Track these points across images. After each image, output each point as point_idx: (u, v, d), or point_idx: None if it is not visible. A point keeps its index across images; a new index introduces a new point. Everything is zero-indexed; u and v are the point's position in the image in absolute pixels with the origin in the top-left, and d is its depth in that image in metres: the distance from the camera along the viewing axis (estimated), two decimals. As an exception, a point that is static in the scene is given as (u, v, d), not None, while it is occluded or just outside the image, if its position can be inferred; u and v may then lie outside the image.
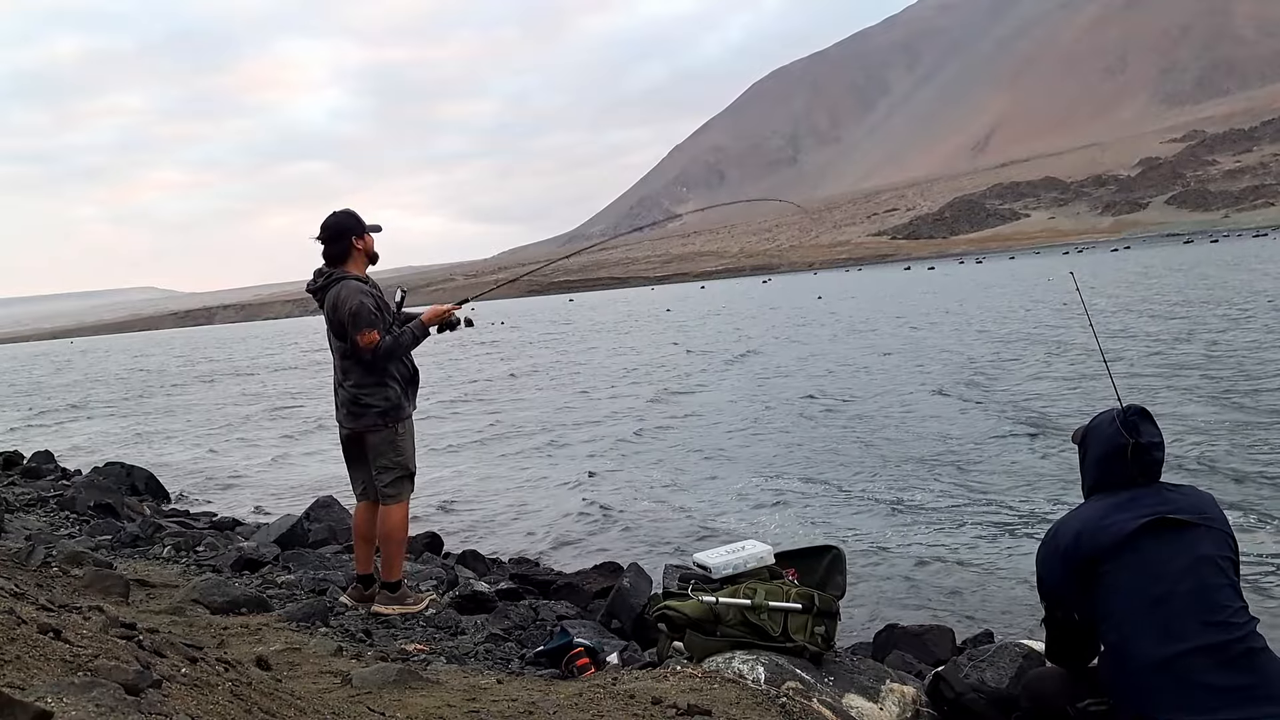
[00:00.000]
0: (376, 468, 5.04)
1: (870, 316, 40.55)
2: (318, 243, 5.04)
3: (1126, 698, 2.73)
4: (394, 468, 5.04)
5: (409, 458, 5.11)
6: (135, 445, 18.72)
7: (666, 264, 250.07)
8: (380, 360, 4.92)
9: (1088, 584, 2.83)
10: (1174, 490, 2.89)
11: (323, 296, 5.00)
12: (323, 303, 5.02)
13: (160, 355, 73.42)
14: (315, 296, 5.08)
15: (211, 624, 4.24)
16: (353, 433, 5.05)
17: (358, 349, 4.88)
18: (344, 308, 4.87)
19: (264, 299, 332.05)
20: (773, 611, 3.66)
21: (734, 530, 8.50)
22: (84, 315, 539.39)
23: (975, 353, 21.82)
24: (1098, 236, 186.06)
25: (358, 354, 4.91)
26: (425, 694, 3.15)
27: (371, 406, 4.97)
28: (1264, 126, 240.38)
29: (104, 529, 7.72)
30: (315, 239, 5.04)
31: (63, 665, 1.87)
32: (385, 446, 5.02)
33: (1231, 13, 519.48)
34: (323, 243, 5.03)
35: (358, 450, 5.10)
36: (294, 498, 11.69)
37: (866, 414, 14.83)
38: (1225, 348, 17.86)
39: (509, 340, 50.16)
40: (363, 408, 4.98)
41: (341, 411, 5.09)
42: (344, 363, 5.02)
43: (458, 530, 9.60)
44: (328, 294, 4.97)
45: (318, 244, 5.05)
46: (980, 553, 7.35)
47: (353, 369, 4.98)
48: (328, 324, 5.04)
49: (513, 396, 22.59)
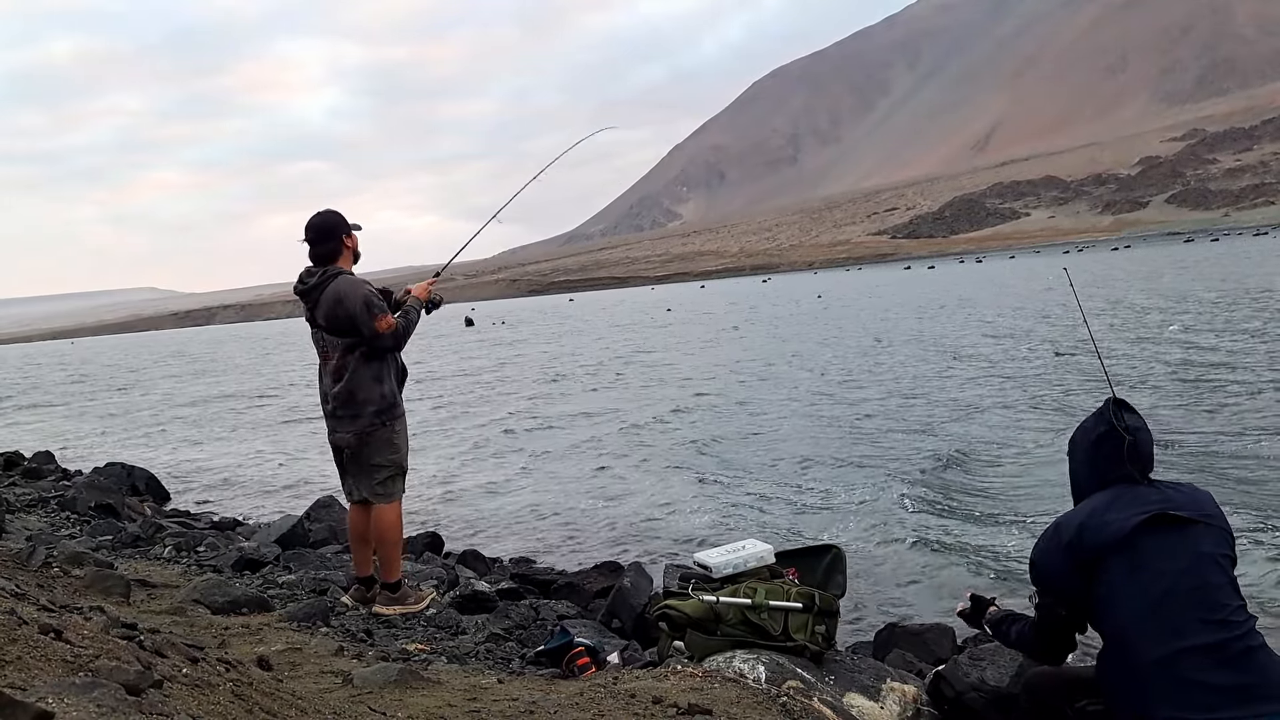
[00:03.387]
0: (371, 466, 4.99)
1: (868, 316, 40.55)
2: (305, 244, 4.98)
3: (1125, 695, 2.73)
4: (389, 466, 5.02)
5: (403, 455, 5.11)
6: (135, 445, 18.73)
7: (667, 263, 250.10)
8: (401, 341, 4.98)
9: (1087, 579, 2.83)
10: (1173, 488, 2.89)
11: (318, 295, 4.90)
12: (316, 302, 4.91)
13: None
14: (307, 296, 4.95)
15: (212, 624, 4.24)
16: (352, 435, 4.96)
17: (377, 336, 4.86)
18: (352, 299, 4.83)
19: (264, 299, 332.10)
20: (773, 611, 3.66)
21: (734, 530, 8.50)
22: (84, 316, 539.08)
23: (975, 352, 21.81)
24: (1098, 235, 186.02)
25: (375, 341, 4.88)
26: (426, 694, 3.15)
27: (368, 404, 4.92)
28: (1264, 125, 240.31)
29: (105, 529, 7.72)
30: (303, 239, 4.98)
31: (64, 666, 1.87)
32: (382, 444, 5.00)
33: (1232, 12, 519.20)
34: (311, 243, 4.97)
35: (351, 454, 5.04)
36: (294, 498, 11.70)
37: (867, 413, 14.82)
38: (1225, 347, 17.86)
39: (509, 340, 50.18)
40: (359, 405, 4.92)
41: (337, 414, 4.99)
42: (343, 360, 4.92)
43: (458, 530, 9.60)
44: (324, 291, 4.88)
45: (303, 245, 5.00)
46: (981, 552, 7.35)
47: (357, 366, 4.90)
48: (325, 321, 4.93)
49: (512, 396, 22.58)
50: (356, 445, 4.98)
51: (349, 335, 4.90)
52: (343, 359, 4.94)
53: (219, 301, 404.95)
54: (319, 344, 5.04)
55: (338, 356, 4.95)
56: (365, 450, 4.98)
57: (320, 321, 4.96)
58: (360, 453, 4.99)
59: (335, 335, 4.94)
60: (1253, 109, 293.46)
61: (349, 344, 4.92)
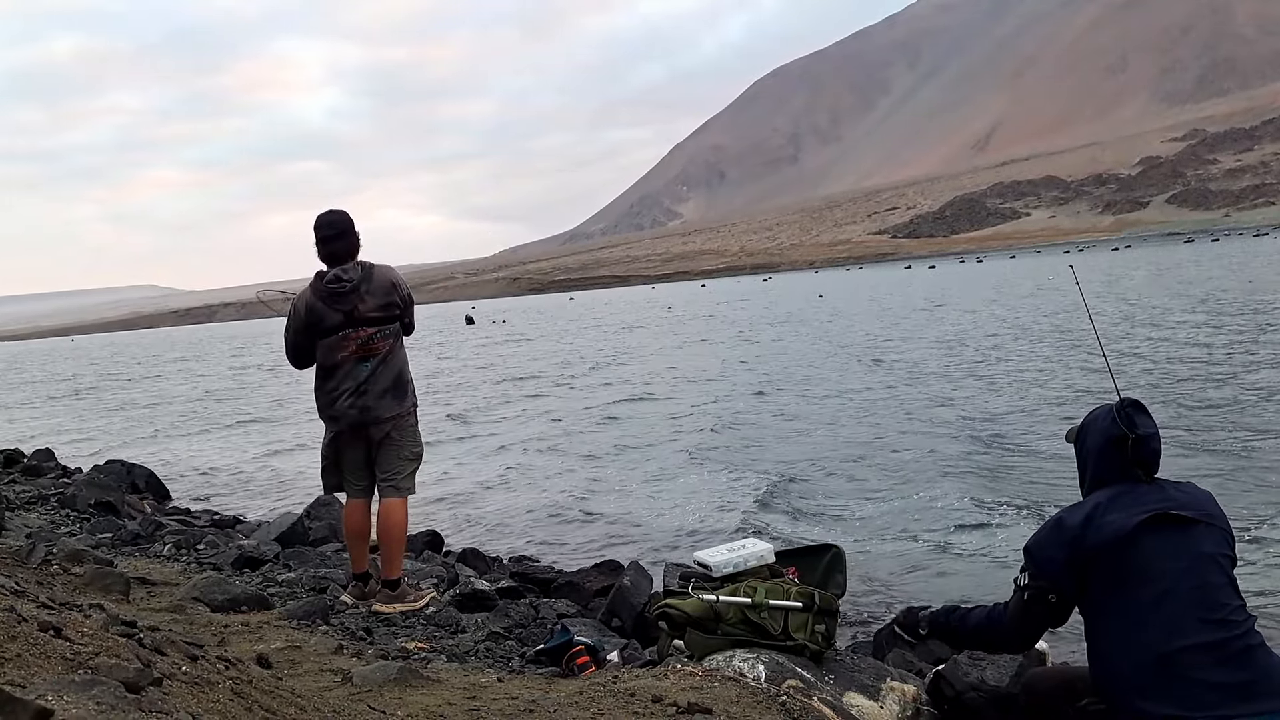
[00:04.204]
0: (400, 459, 5.00)
1: (868, 317, 40.55)
2: (319, 242, 4.94)
3: (1125, 694, 2.73)
4: (414, 459, 5.09)
5: (422, 448, 5.21)
6: (135, 444, 18.73)
7: (667, 262, 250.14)
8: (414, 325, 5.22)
9: (1084, 576, 2.83)
10: (1176, 487, 2.89)
11: (366, 288, 4.85)
12: (362, 297, 4.85)
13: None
14: (353, 294, 4.84)
15: (212, 622, 4.24)
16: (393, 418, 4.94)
17: (411, 324, 5.11)
18: (403, 284, 4.98)
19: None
20: (773, 610, 3.66)
21: (735, 529, 8.51)
22: (85, 314, 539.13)
23: (977, 351, 21.81)
24: (1098, 235, 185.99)
25: (409, 329, 5.09)
26: (426, 692, 3.15)
27: (409, 386, 5.05)
28: (1264, 125, 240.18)
29: (104, 527, 7.72)
30: (317, 238, 4.93)
31: (63, 663, 1.87)
32: (410, 435, 5.06)
33: (1232, 12, 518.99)
34: (326, 240, 4.93)
35: (384, 439, 4.97)
36: (294, 496, 11.70)
37: (867, 413, 14.82)
38: (1224, 346, 17.86)
39: (509, 339, 50.17)
40: (404, 386, 5.00)
41: (382, 399, 4.91)
42: (394, 345, 4.96)
43: (458, 528, 9.60)
44: (373, 283, 4.87)
45: (309, 246, 5.00)
46: (981, 551, 7.36)
47: (399, 350, 5.00)
48: (379, 312, 4.88)
49: (512, 395, 22.58)
50: (394, 430, 4.98)
51: (395, 322, 4.99)
52: (393, 345, 4.98)
53: (219, 299, 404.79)
54: (349, 343, 4.90)
55: (389, 344, 4.95)
56: (400, 436, 5.00)
57: (369, 314, 4.89)
58: (394, 438, 4.99)
59: (386, 324, 4.94)
60: (1253, 109, 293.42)
61: (395, 330, 5.01)
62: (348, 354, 4.92)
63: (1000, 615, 3.11)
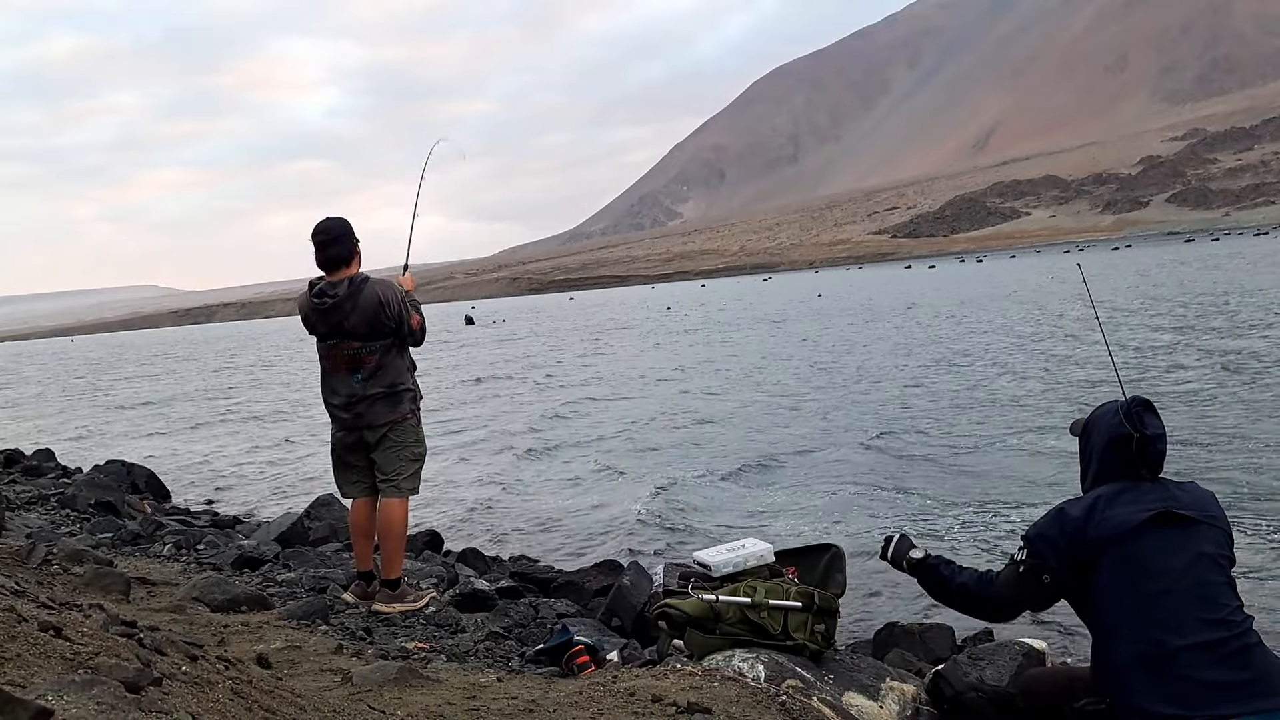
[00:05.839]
0: (400, 459, 5.01)
1: (871, 317, 40.54)
2: (315, 248, 4.93)
3: (1124, 692, 2.73)
4: (416, 459, 5.09)
5: (425, 448, 5.21)
6: (135, 444, 18.73)
7: (667, 262, 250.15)
8: (423, 335, 5.11)
9: (1082, 569, 2.84)
10: (1178, 486, 2.90)
11: (350, 305, 4.84)
12: (347, 314, 4.84)
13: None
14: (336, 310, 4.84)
15: (212, 622, 4.24)
16: (389, 422, 4.95)
17: (413, 332, 5.02)
18: (395, 302, 4.91)
19: (265, 297, 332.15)
20: (773, 609, 3.66)
21: (734, 528, 8.51)
22: (84, 314, 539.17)
23: (977, 350, 21.81)
24: (1098, 235, 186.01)
25: (411, 337, 5.03)
26: (425, 692, 3.15)
27: (407, 391, 5.02)
28: (1265, 125, 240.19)
29: (105, 527, 7.72)
30: (314, 243, 4.92)
31: (63, 663, 1.87)
32: (411, 436, 5.06)
33: (1232, 11, 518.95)
34: (322, 245, 4.92)
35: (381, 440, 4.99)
36: (294, 496, 11.70)
37: (867, 413, 14.82)
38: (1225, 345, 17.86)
39: (510, 338, 50.16)
40: (400, 393, 4.98)
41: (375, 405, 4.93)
42: (383, 360, 4.93)
43: (458, 528, 9.60)
44: (359, 300, 4.85)
45: (307, 248, 4.98)
46: (981, 551, 7.35)
47: (393, 360, 4.96)
48: (364, 329, 4.87)
49: (510, 395, 22.58)
50: (391, 432, 4.99)
51: (387, 337, 4.94)
52: (382, 359, 4.95)
53: (219, 299, 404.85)
54: (339, 353, 4.94)
55: (377, 358, 4.94)
56: (399, 438, 5.01)
57: (354, 330, 4.88)
58: (392, 440, 4.99)
59: (374, 340, 4.92)
60: (1253, 109, 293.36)
61: (386, 345, 4.95)
62: (337, 364, 4.99)
63: (989, 580, 3.12)
